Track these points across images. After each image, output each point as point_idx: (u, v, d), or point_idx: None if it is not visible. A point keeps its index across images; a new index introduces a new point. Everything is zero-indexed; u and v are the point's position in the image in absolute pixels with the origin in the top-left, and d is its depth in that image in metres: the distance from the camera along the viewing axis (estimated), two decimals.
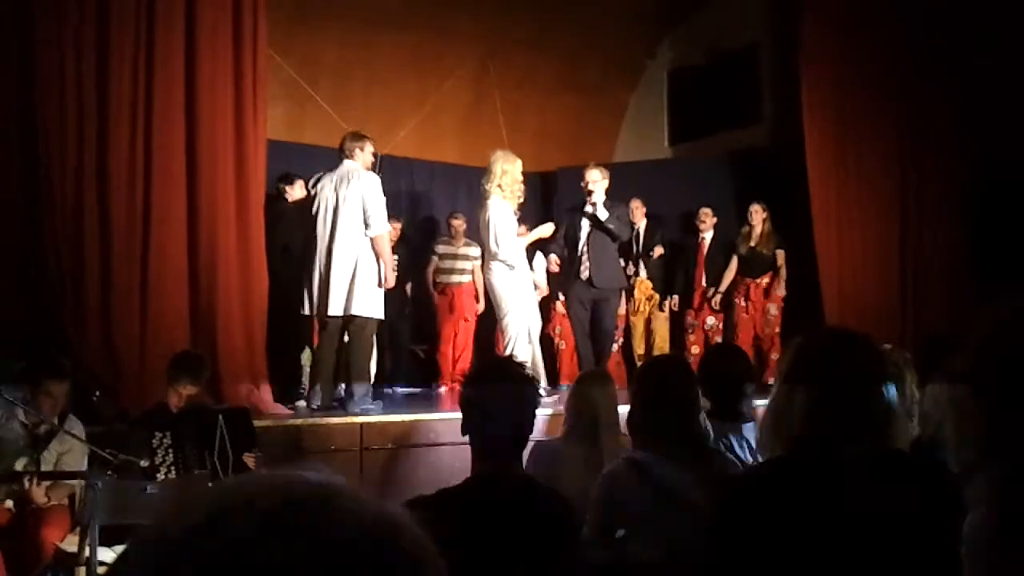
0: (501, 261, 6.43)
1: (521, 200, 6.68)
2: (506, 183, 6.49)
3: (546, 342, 8.80)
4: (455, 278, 8.64)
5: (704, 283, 8.42)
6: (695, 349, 8.20)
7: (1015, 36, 7.11)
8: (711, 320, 8.25)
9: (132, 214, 5.61)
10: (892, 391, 1.80)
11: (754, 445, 3.15)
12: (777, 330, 7.93)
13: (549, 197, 10.38)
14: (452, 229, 8.74)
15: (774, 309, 8.00)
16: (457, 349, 8.60)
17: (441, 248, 8.72)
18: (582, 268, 6.94)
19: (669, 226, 9.13)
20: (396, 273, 6.41)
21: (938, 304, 7.62)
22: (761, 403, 3.64)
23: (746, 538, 1.74)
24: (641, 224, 8.77)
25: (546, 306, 8.88)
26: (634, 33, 10.27)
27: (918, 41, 7.70)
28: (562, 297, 8.65)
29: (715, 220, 8.49)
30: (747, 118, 9.71)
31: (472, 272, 8.63)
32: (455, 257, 8.67)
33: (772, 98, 9.46)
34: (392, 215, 8.60)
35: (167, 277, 5.71)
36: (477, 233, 8.06)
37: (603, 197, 6.98)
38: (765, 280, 8.10)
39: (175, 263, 5.75)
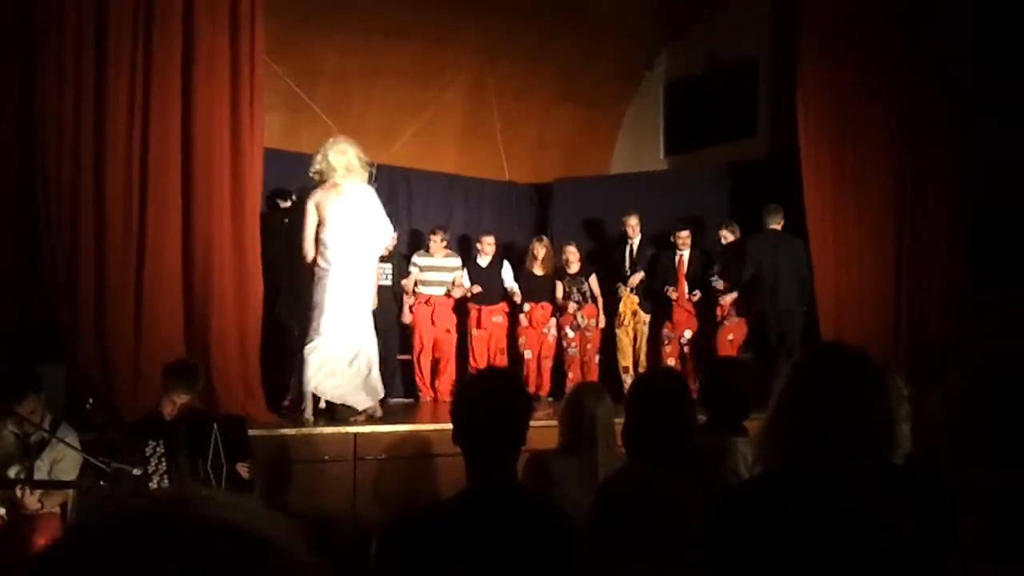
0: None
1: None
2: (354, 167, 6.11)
3: (513, 353, 8.80)
4: (434, 289, 8.59)
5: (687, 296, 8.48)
6: (671, 361, 8.23)
7: (1014, 49, 7.14)
8: (688, 334, 8.28)
9: (128, 222, 5.61)
10: (888, 404, 1.80)
11: (750, 458, 3.14)
12: (731, 337, 8.02)
13: (546, 207, 10.38)
14: (432, 241, 8.63)
15: (733, 318, 8.08)
16: (441, 361, 8.57)
17: (421, 260, 8.61)
18: None
19: (663, 238, 9.14)
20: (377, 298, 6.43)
21: (934, 316, 7.62)
22: (757, 416, 3.64)
23: (741, 550, 1.74)
24: (635, 240, 8.75)
25: (514, 317, 8.88)
26: (632, 45, 10.29)
27: (916, 55, 7.72)
28: (527, 308, 8.68)
29: (689, 237, 8.49)
30: (744, 130, 9.72)
31: (452, 284, 8.62)
32: (435, 269, 8.62)
33: (769, 111, 9.48)
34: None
35: (162, 286, 5.70)
36: (454, 244, 8.10)
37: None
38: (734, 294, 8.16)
39: (170, 272, 5.74)
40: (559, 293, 8.73)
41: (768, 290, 7.81)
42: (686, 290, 8.41)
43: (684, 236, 8.45)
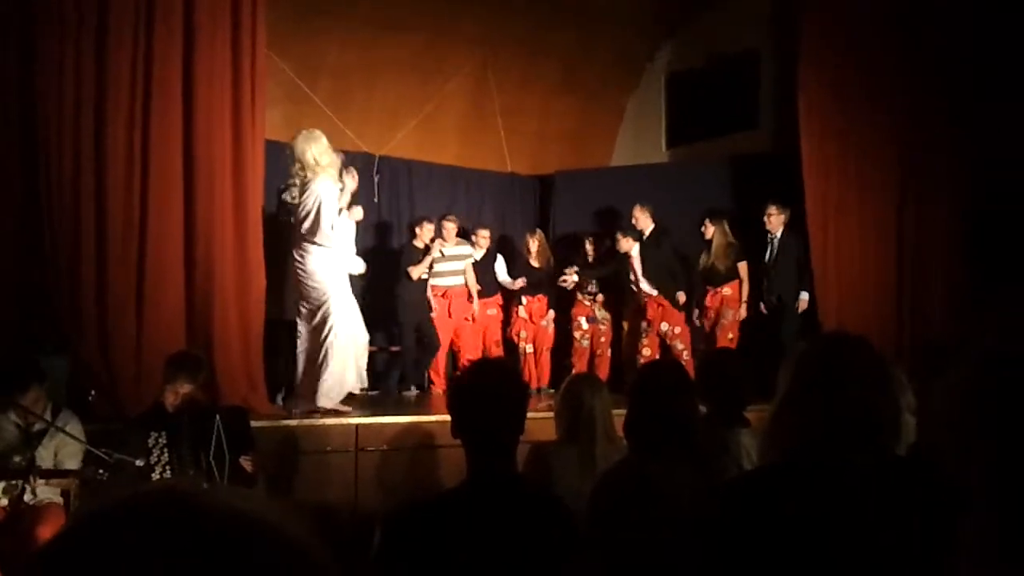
0: (318, 244, 5.88)
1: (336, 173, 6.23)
2: (324, 161, 5.95)
3: (510, 347, 8.80)
4: (450, 280, 8.54)
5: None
6: (647, 351, 8.16)
7: (1015, 44, 7.13)
8: (664, 326, 8.23)
9: (129, 215, 5.61)
10: (893, 395, 1.80)
11: (751, 450, 3.15)
12: (731, 335, 7.99)
13: (547, 200, 10.37)
14: (445, 229, 8.54)
15: (730, 315, 8.07)
16: (465, 350, 8.47)
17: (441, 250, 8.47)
18: None
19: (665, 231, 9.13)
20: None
21: (935, 311, 7.64)
22: (757, 408, 3.64)
23: (742, 542, 1.74)
24: (648, 230, 8.67)
25: (508, 310, 8.87)
26: (633, 36, 10.27)
27: (918, 49, 7.72)
28: (524, 301, 8.68)
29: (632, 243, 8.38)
30: (746, 123, 9.71)
31: (464, 272, 8.58)
32: (449, 259, 8.54)
33: (771, 103, 9.46)
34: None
35: (164, 278, 5.70)
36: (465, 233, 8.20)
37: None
38: (725, 289, 8.15)
39: (172, 264, 5.75)
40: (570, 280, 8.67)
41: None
42: (645, 286, 8.32)
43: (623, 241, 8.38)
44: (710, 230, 8.25)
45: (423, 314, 8.20)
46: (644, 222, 8.58)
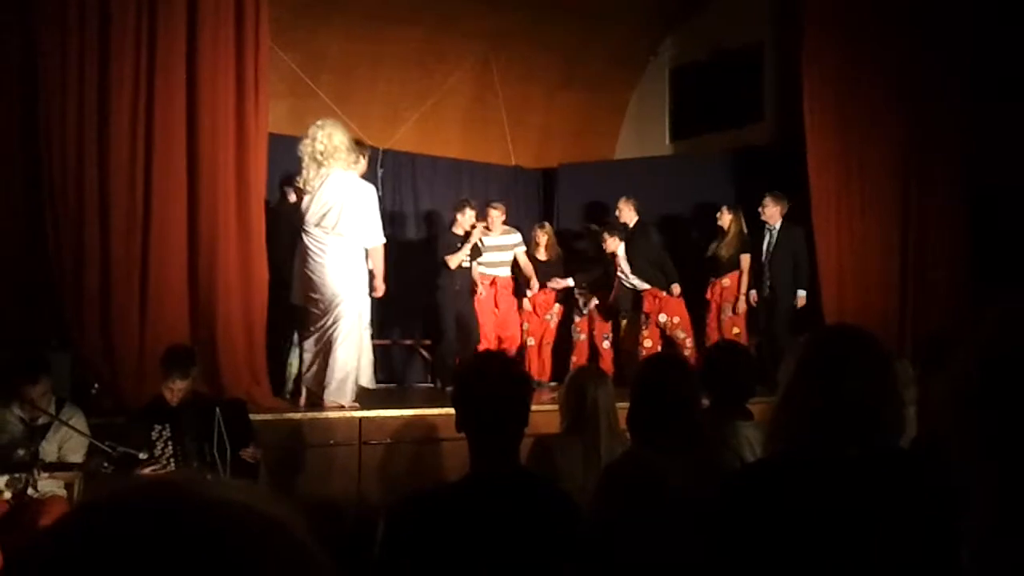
0: (341, 237, 5.93)
1: (364, 170, 6.38)
2: (345, 151, 6.01)
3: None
4: (496, 270, 8.37)
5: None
6: (648, 343, 8.15)
7: (1018, 38, 7.11)
8: (663, 317, 8.22)
9: (132, 208, 5.61)
10: (896, 388, 1.80)
11: (755, 442, 3.15)
12: (736, 330, 7.98)
13: (551, 193, 10.37)
14: (491, 218, 8.25)
15: (729, 309, 8.07)
16: (508, 343, 8.23)
17: (484, 239, 8.20)
18: None
19: (669, 224, 9.12)
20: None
21: (939, 306, 7.63)
22: (760, 400, 3.65)
23: (744, 534, 1.74)
24: (632, 223, 8.59)
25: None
26: (637, 30, 10.25)
27: (921, 42, 7.70)
28: (529, 294, 8.62)
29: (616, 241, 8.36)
30: (749, 116, 9.69)
31: (510, 264, 8.42)
32: (495, 248, 8.34)
33: (774, 96, 9.45)
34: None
35: (167, 272, 5.70)
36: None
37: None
38: (724, 280, 8.15)
39: (175, 259, 5.74)
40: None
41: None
42: (635, 282, 8.32)
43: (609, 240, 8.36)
44: (726, 218, 8.19)
45: (465, 302, 7.94)
46: (628, 215, 8.54)
